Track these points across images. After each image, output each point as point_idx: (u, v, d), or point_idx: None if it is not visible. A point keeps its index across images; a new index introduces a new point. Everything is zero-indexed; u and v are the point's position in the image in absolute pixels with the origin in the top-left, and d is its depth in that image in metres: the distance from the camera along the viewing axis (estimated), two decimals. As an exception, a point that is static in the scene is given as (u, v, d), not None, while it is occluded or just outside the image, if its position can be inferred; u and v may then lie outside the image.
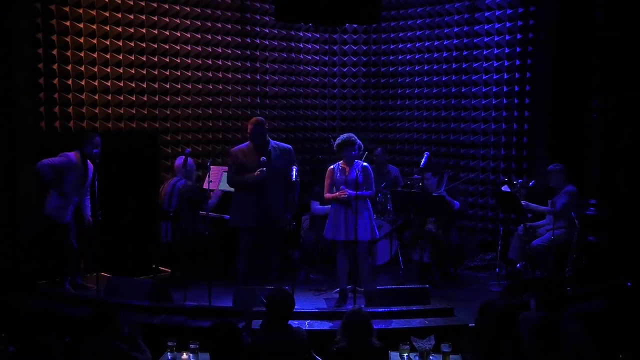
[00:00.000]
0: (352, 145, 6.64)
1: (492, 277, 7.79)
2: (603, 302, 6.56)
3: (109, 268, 7.27)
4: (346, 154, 6.66)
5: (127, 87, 7.99)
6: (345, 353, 4.27)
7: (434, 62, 9.30)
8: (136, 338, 4.49)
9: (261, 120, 6.85)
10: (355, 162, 6.71)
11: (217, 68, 8.81)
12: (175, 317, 6.12)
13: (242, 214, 6.73)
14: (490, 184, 8.77)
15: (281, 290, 4.91)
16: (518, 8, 8.39)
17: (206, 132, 8.79)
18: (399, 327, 5.88)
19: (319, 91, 9.93)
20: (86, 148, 6.81)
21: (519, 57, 8.42)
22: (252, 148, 6.72)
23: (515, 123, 8.56)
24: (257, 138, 6.68)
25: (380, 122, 9.95)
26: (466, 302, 6.60)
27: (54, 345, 3.93)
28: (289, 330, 4.47)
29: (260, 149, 6.67)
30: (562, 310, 4.62)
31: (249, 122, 6.79)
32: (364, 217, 6.62)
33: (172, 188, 7.43)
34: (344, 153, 6.67)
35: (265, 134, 6.77)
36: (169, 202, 7.36)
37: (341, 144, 6.66)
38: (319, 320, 6.02)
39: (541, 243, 7.20)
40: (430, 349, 4.58)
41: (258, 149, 6.68)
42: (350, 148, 6.63)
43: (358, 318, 4.37)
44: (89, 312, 4.61)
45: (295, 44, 9.62)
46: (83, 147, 6.83)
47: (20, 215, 7.04)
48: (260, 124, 6.73)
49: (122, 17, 7.88)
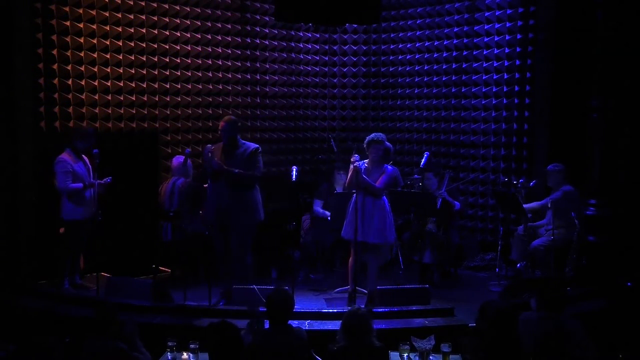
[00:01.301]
0: (381, 144, 6.61)
1: (492, 277, 7.79)
2: (603, 302, 6.57)
3: (109, 268, 7.26)
4: (373, 152, 6.63)
5: (127, 87, 7.99)
6: (345, 353, 4.27)
7: (434, 62, 9.30)
8: (135, 338, 4.49)
9: (232, 119, 6.74)
10: (385, 165, 6.71)
11: (217, 68, 8.81)
12: (175, 317, 6.13)
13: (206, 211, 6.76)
14: (491, 184, 8.77)
15: (281, 290, 4.91)
16: (518, 8, 8.39)
17: (206, 132, 8.79)
18: (399, 327, 5.89)
19: (319, 91, 9.92)
20: (76, 143, 6.81)
21: (519, 57, 8.42)
22: (220, 146, 6.61)
23: (515, 123, 8.56)
24: (224, 136, 6.55)
25: (380, 122, 9.94)
26: (466, 302, 6.59)
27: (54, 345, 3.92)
28: (289, 330, 4.48)
29: (228, 147, 6.55)
30: (563, 310, 4.62)
31: (223, 120, 6.64)
32: (379, 218, 6.61)
33: (172, 187, 7.45)
34: (371, 151, 6.64)
35: (235, 133, 6.59)
36: (170, 202, 7.38)
37: (370, 142, 6.63)
38: (319, 320, 6.04)
39: (541, 243, 7.20)
40: (430, 349, 4.58)
41: (225, 148, 6.56)
42: (378, 146, 6.60)
43: (357, 318, 4.37)
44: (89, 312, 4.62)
45: (295, 44, 9.62)
46: (73, 143, 6.82)
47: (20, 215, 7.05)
48: (230, 123, 6.60)
49: (122, 17, 7.88)
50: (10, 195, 7.02)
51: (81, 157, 6.87)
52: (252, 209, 6.57)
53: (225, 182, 6.46)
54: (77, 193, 6.74)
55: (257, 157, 6.59)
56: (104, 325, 4.30)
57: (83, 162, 6.87)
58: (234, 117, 7.06)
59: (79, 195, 6.76)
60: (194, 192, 7.39)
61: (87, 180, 6.78)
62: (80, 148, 6.82)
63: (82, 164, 6.85)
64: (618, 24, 7.24)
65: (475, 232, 8.97)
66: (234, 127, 6.58)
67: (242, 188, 6.52)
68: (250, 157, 6.53)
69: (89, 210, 6.74)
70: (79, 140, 6.81)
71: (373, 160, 6.66)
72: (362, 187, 6.52)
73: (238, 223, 6.52)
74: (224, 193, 6.47)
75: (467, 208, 8.95)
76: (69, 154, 6.80)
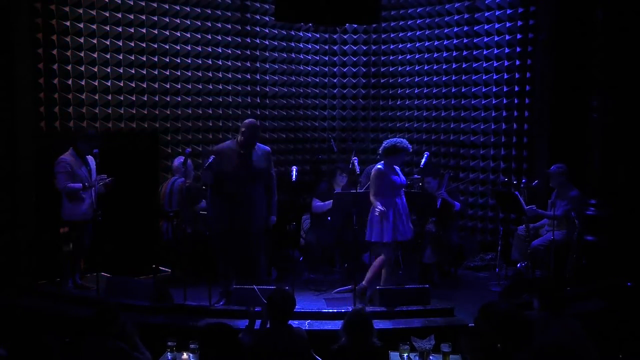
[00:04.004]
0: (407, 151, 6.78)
1: (492, 277, 7.79)
2: (603, 302, 6.57)
3: (109, 268, 7.26)
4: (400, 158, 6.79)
5: (127, 87, 7.99)
6: (345, 352, 4.28)
7: (434, 62, 9.30)
8: (135, 338, 4.49)
9: (256, 123, 6.78)
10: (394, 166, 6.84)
11: (217, 68, 8.80)
12: (175, 317, 6.13)
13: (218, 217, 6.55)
14: (491, 184, 8.77)
15: (281, 290, 4.92)
16: (518, 8, 8.39)
17: (206, 132, 8.79)
18: (399, 327, 5.89)
19: (319, 91, 9.92)
20: (79, 144, 6.80)
21: (519, 57, 8.42)
22: (234, 150, 6.52)
23: (515, 123, 8.56)
24: (250, 141, 6.47)
25: (380, 122, 9.95)
26: (466, 302, 6.59)
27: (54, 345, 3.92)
28: (289, 330, 4.48)
29: (247, 150, 6.49)
30: (563, 311, 4.62)
31: (245, 124, 6.56)
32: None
33: (171, 187, 7.45)
34: (401, 158, 6.81)
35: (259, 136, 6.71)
36: (169, 202, 7.39)
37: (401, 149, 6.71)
38: (319, 320, 6.04)
39: (541, 243, 7.20)
40: (430, 349, 4.59)
41: (243, 151, 6.49)
42: (406, 154, 6.80)
43: (359, 318, 4.37)
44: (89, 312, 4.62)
45: (295, 44, 9.62)
46: (77, 144, 6.82)
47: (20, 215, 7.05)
48: (256, 127, 6.65)
49: (122, 17, 7.89)
50: (10, 195, 7.02)
51: (84, 158, 6.85)
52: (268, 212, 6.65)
53: (244, 189, 6.42)
54: (77, 193, 6.74)
55: (271, 157, 6.72)
56: (104, 325, 4.30)
57: (85, 163, 6.86)
58: (253, 119, 7.07)
59: (79, 195, 6.76)
60: (193, 192, 7.38)
61: (88, 181, 6.78)
62: (84, 149, 6.81)
63: (84, 165, 6.84)
64: (618, 23, 7.24)
65: (475, 232, 8.98)
66: (258, 130, 6.70)
67: (261, 192, 6.55)
68: (267, 157, 6.61)
69: (89, 211, 6.74)
70: (83, 141, 6.81)
71: (396, 164, 6.79)
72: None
73: (257, 226, 6.54)
74: (242, 199, 6.43)
75: (467, 208, 8.95)
76: (71, 154, 6.79)
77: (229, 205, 6.45)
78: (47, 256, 7.10)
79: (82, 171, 6.79)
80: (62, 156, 6.76)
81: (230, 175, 6.40)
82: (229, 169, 6.40)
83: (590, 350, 4.40)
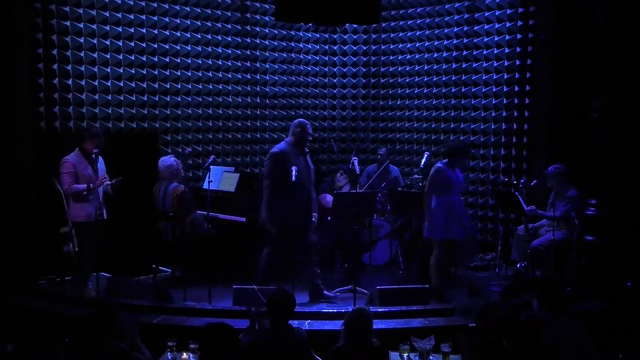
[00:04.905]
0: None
1: (492, 277, 7.79)
2: (603, 302, 6.57)
3: (109, 268, 7.26)
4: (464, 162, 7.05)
5: (127, 87, 8.00)
6: (345, 352, 4.28)
7: (434, 62, 9.30)
8: (135, 338, 4.49)
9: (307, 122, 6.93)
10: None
11: (217, 68, 8.81)
12: (175, 317, 6.13)
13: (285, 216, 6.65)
14: (491, 184, 8.77)
15: (281, 290, 4.92)
16: (518, 8, 8.39)
17: (206, 132, 8.80)
18: (399, 327, 5.89)
19: (319, 91, 9.92)
20: (85, 145, 6.78)
21: (519, 57, 8.42)
22: (294, 151, 6.69)
23: (515, 123, 8.56)
24: (307, 141, 6.76)
25: (380, 122, 9.95)
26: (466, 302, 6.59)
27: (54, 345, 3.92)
28: (289, 330, 4.48)
29: (303, 150, 6.74)
30: (564, 311, 4.62)
31: (300, 125, 6.73)
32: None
33: (164, 192, 7.29)
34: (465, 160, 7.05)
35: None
36: (163, 204, 7.28)
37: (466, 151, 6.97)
38: (319, 320, 6.03)
39: (541, 243, 7.20)
40: (430, 349, 4.58)
41: (299, 152, 6.70)
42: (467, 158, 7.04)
43: (360, 317, 4.37)
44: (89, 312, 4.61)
45: (295, 44, 9.62)
46: (82, 145, 6.79)
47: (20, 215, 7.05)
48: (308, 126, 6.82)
49: (122, 17, 7.89)
50: (10, 195, 7.02)
51: (90, 159, 6.79)
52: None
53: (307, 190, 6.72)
54: (82, 194, 6.71)
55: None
56: (104, 325, 4.30)
57: (91, 163, 6.80)
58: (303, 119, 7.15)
59: (84, 196, 6.73)
60: (188, 199, 7.25)
61: (93, 182, 6.73)
62: (89, 149, 6.76)
63: (90, 165, 6.79)
64: (618, 24, 7.24)
65: (475, 232, 8.97)
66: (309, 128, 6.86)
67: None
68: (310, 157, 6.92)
69: (94, 211, 6.71)
70: (88, 141, 6.77)
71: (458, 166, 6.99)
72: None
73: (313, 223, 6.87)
74: (306, 199, 6.71)
75: (467, 208, 8.94)
76: (77, 154, 6.76)
77: (297, 207, 6.61)
78: (47, 256, 7.09)
79: (87, 172, 6.75)
80: (67, 157, 6.72)
81: (301, 175, 6.59)
82: (299, 169, 6.56)
83: (591, 350, 4.41)
